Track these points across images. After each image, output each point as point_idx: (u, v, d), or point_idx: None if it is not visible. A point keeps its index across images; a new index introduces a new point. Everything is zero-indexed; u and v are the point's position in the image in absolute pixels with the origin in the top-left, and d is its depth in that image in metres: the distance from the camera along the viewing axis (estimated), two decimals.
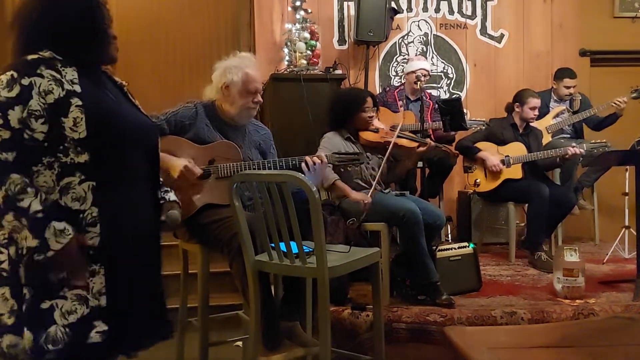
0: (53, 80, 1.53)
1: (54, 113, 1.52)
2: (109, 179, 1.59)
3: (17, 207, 1.45)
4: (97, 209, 1.55)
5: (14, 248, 1.50)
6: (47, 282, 1.51)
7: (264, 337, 2.18)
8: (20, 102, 1.49)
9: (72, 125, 1.52)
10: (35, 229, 1.46)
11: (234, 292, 2.76)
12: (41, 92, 1.51)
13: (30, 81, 1.51)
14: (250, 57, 2.69)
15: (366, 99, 3.21)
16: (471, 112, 4.87)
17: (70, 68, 1.58)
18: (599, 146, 3.82)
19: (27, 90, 1.50)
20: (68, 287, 1.52)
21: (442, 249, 3.07)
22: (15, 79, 1.50)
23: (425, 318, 2.72)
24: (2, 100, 1.48)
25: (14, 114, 1.48)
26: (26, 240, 1.46)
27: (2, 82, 1.50)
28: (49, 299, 1.50)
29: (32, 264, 1.49)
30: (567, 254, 2.99)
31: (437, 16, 5.00)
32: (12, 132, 1.47)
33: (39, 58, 1.55)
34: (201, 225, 2.42)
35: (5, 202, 1.45)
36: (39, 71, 1.53)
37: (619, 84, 4.63)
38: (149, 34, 4.93)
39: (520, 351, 1.56)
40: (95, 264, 1.55)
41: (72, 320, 1.51)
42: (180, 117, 2.56)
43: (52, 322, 1.50)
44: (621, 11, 5.25)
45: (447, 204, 4.59)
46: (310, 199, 1.92)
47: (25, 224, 1.45)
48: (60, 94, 1.53)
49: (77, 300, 1.52)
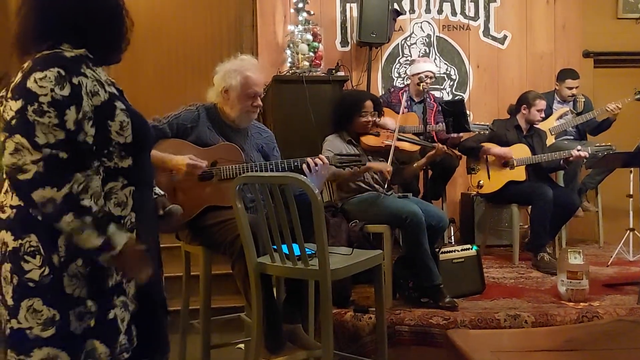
0: (96, 80, 1.47)
1: (101, 116, 1.45)
2: (139, 183, 1.56)
3: (80, 206, 1.38)
4: (135, 214, 1.52)
5: (57, 256, 1.41)
6: (106, 291, 1.46)
7: (266, 339, 2.17)
8: (74, 102, 1.40)
9: (118, 129, 1.47)
10: (100, 227, 1.39)
11: (236, 294, 2.76)
12: (88, 93, 1.43)
13: (79, 80, 1.42)
14: (251, 60, 2.67)
15: (365, 103, 3.19)
16: (474, 114, 4.86)
17: (100, 68, 1.52)
18: (603, 149, 3.80)
19: (78, 90, 1.41)
20: (117, 294, 1.48)
21: (445, 251, 3.06)
22: (65, 77, 1.40)
23: (428, 321, 2.71)
24: (58, 98, 1.38)
25: (70, 114, 1.39)
26: (90, 240, 1.38)
27: (50, 79, 1.38)
28: (111, 308, 1.47)
29: (92, 272, 1.43)
30: (571, 256, 2.98)
31: (440, 17, 4.99)
32: (67, 133, 1.39)
33: (78, 56, 1.46)
34: (203, 227, 2.41)
35: (67, 202, 1.36)
36: (83, 70, 1.45)
37: (622, 86, 4.62)
38: (152, 36, 4.94)
39: (524, 354, 1.55)
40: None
41: (125, 327, 1.50)
42: (182, 120, 2.56)
43: (119, 331, 1.48)
44: (625, 12, 5.23)
45: (450, 206, 4.58)
46: (313, 200, 1.91)
47: (89, 222, 1.38)
48: (104, 96, 1.47)
49: (123, 307, 1.50)
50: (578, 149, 3.79)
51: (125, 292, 1.51)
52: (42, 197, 1.35)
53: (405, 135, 3.38)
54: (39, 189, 1.35)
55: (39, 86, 1.37)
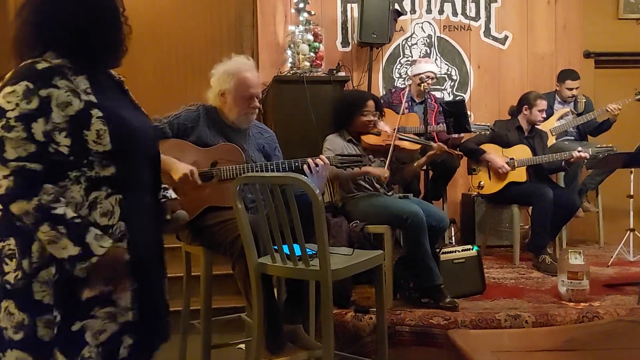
0: (69, 91, 1.46)
1: (75, 126, 1.45)
2: (129, 191, 1.53)
3: (53, 216, 1.39)
4: (124, 223, 1.51)
5: (27, 262, 1.43)
6: (78, 302, 1.45)
7: (266, 339, 2.17)
8: (42, 114, 1.41)
9: (95, 138, 1.46)
10: (76, 236, 1.40)
11: (237, 294, 2.76)
12: (60, 105, 1.43)
13: (48, 93, 1.43)
14: (245, 61, 2.64)
15: (366, 103, 3.18)
16: (475, 114, 4.86)
17: (81, 76, 1.50)
18: (604, 150, 3.80)
19: (46, 102, 1.42)
20: (99, 305, 1.47)
21: (445, 252, 3.06)
22: (32, 90, 1.41)
23: (429, 321, 2.71)
24: (25, 112, 1.40)
25: (37, 126, 1.41)
26: (66, 250, 1.39)
27: (17, 94, 1.41)
28: (80, 320, 1.45)
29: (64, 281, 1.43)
30: (572, 256, 2.98)
31: (441, 18, 4.99)
32: (37, 145, 1.40)
33: (49, 67, 1.46)
34: (204, 227, 2.41)
35: (39, 212, 1.38)
36: (54, 82, 1.45)
37: (623, 86, 4.62)
38: (152, 36, 4.95)
39: (525, 355, 1.55)
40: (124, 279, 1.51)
41: (103, 339, 1.47)
42: (182, 120, 2.56)
43: (85, 343, 1.45)
44: (626, 12, 5.23)
45: (451, 207, 4.58)
46: (313, 201, 1.91)
47: (64, 231, 1.39)
48: (79, 106, 1.45)
49: (107, 318, 1.48)
50: (579, 150, 3.78)
51: (113, 303, 1.49)
52: (18, 210, 1.39)
53: (406, 135, 3.38)
54: (13, 203, 1.39)
55: (6, 102, 1.41)
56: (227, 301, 3.41)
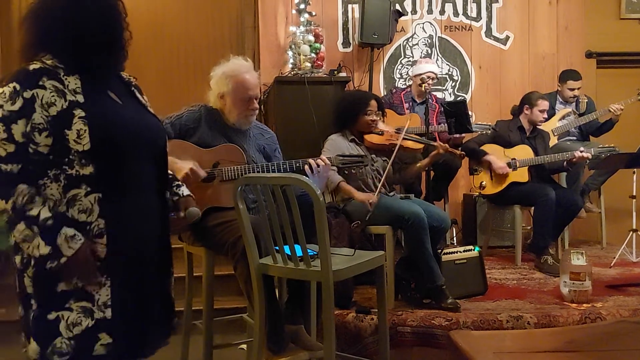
0: (55, 91, 1.51)
1: (58, 125, 1.49)
2: (115, 190, 1.56)
3: (27, 217, 1.45)
4: (104, 221, 1.54)
5: (20, 257, 1.51)
6: (54, 293, 1.50)
7: (268, 340, 2.17)
8: (23, 115, 1.47)
9: (75, 138, 1.50)
10: (47, 236, 1.46)
11: (239, 294, 2.76)
12: (44, 105, 1.49)
13: (33, 94, 1.49)
14: (244, 63, 2.63)
15: (369, 102, 3.19)
16: (476, 115, 4.86)
17: (73, 76, 1.54)
18: (606, 151, 3.80)
19: (29, 103, 1.48)
20: (74, 299, 1.51)
21: (447, 252, 3.05)
22: (18, 92, 1.48)
23: (431, 322, 2.70)
24: (6, 114, 1.47)
25: (17, 127, 1.47)
26: (38, 249, 1.45)
27: (4, 95, 1.48)
28: (56, 310, 1.50)
29: (40, 274, 1.49)
30: (574, 257, 2.97)
31: (442, 18, 4.99)
32: (17, 145, 1.46)
33: (40, 68, 1.52)
34: (206, 228, 2.41)
35: (15, 213, 1.45)
36: (41, 82, 1.50)
37: (625, 86, 4.61)
38: (154, 37, 4.96)
39: (527, 356, 1.55)
40: (102, 276, 1.54)
41: (76, 332, 1.50)
42: (185, 121, 2.56)
43: (58, 333, 1.49)
44: (628, 12, 5.23)
45: (453, 207, 4.58)
46: (315, 201, 1.91)
47: (37, 231, 1.45)
48: (63, 106, 1.50)
49: (82, 312, 1.51)
50: (581, 150, 3.78)
51: (90, 298, 1.52)
52: None
53: (409, 134, 3.38)
54: None
55: None
56: (229, 302, 3.41)
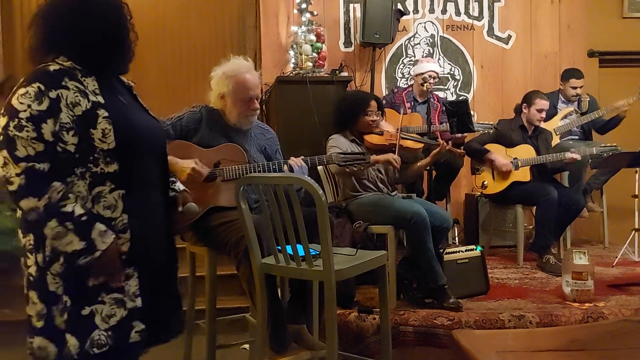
0: (78, 91, 1.55)
1: (83, 125, 1.54)
2: (134, 186, 1.63)
3: (61, 213, 1.49)
4: (127, 216, 1.60)
5: (41, 255, 1.53)
6: (85, 289, 1.54)
7: (270, 339, 2.18)
8: (51, 115, 1.51)
9: (101, 137, 1.55)
10: (82, 232, 1.50)
11: (241, 294, 2.77)
12: (69, 105, 1.53)
13: (58, 94, 1.53)
14: (244, 63, 2.63)
15: (369, 103, 3.19)
16: (478, 114, 4.86)
17: (90, 78, 1.60)
18: (608, 150, 3.79)
19: (56, 103, 1.52)
20: (105, 292, 1.56)
21: (449, 252, 3.05)
22: (43, 92, 1.51)
23: (433, 321, 2.70)
24: (35, 113, 1.50)
25: (47, 127, 1.50)
26: (71, 244, 1.49)
27: (30, 95, 1.51)
28: (88, 305, 1.54)
29: (71, 271, 1.52)
30: (576, 256, 2.97)
31: (444, 17, 4.99)
32: (46, 144, 1.50)
33: (61, 69, 1.56)
34: (208, 228, 2.42)
35: (48, 210, 1.48)
36: (64, 83, 1.54)
37: (627, 85, 4.59)
38: (155, 37, 4.96)
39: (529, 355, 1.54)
40: (129, 268, 1.60)
41: (113, 323, 1.56)
42: (185, 121, 2.57)
43: (95, 327, 1.54)
44: (630, 11, 5.22)
45: (455, 207, 4.57)
46: (317, 201, 1.91)
47: (71, 227, 1.49)
48: (87, 106, 1.55)
49: (115, 304, 1.57)
50: (572, 151, 3.79)
51: (120, 290, 1.58)
52: (27, 206, 1.49)
53: (409, 134, 3.38)
54: (23, 199, 1.49)
55: (19, 103, 1.51)
56: (232, 301, 3.41)
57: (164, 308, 1.74)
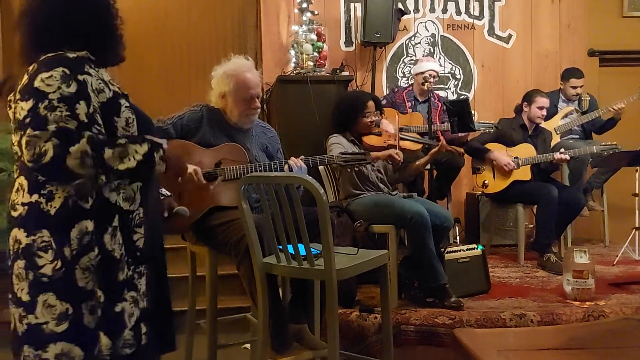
0: (100, 79, 1.51)
1: (108, 112, 1.50)
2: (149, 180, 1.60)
3: (105, 140, 1.44)
4: (143, 210, 1.55)
5: (68, 249, 1.43)
6: (116, 284, 1.47)
7: (272, 339, 2.18)
8: (82, 97, 1.45)
9: (124, 125, 1.52)
10: (135, 139, 1.48)
11: (242, 294, 2.77)
12: (94, 90, 1.48)
13: (84, 78, 1.47)
14: (244, 62, 2.63)
15: (366, 104, 3.19)
16: (479, 113, 4.86)
17: (103, 69, 1.57)
18: (609, 148, 3.79)
19: (83, 87, 1.46)
20: (128, 288, 1.49)
21: (450, 251, 3.06)
22: (69, 75, 1.44)
23: (434, 320, 2.71)
24: (66, 94, 1.42)
25: (81, 108, 1.44)
26: (139, 150, 1.46)
27: (56, 78, 1.43)
28: (119, 301, 1.47)
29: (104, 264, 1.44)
30: (577, 255, 2.97)
31: (445, 17, 4.98)
32: (80, 124, 1.42)
33: (79, 57, 1.50)
34: (209, 227, 2.42)
35: (95, 145, 1.41)
36: (86, 69, 1.49)
37: (628, 84, 4.60)
38: (155, 37, 4.95)
39: (530, 353, 1.55)
40: (141, 265, 1.54)
41: (133, 322, 1.49)
42: (186, 121, 2.57)
43: (125, 325, 1.48)
44: (630, 10, 5.21)
45: (455, 206, 4.57)
46: (318, 200, 1.91)
47: (124, 142, 1.46)
48: (109, 94, 1.52)
49: (133, 302, 1.50)
50: (561, 152, 3.80)
51: (136, 288, 1.52)
52: (75, 159, 1.38)
53: (407, 134, 3.38)
54: (67, 157, 1.37)
55: (46, 84, 1.41)
56: (233, 301, 3.41)
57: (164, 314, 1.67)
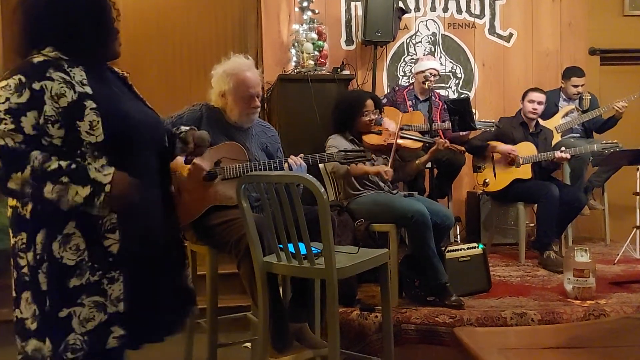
0: (64, 82, 1.49)
1: (69, 117, 1.47)
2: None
3: (50, 173, 1.42)
4: (116, 215, 1.52)
5: (32, 254, 1.48)
6: (66, 289, 1.48)
7: (272, 338, 2.18)
8: (32, 107, 1.44)
9: (88, 129, 1.48)
10: (80, 178, 1.44)
11: (243, 293, 2.76)
12: (53, 96, 1.46)
13: (41, 85, 1.46)
14: (244, 61, 2.63)
15: (366, 103, 3.19)
16: (480, 112, 4.85)
17: (78, 68, 1.53)
18: (610, 147, 3.79)
19: (39, 95, 1.45)
20: (86, 294, 1.49)
21: (451, 250, 3.06)
22: (24, 84, 1.45)
23: (435, 319, 2.71)
24: (13, 106, 1.43)
25: (27, 120, 1.44)
26: (79, 193, 1.43)
27: (9, 87, 1.45)
28: (67, 307, 1.48)
29: (52, 270, 1.46)
30: (578, 254, 2.97)
31: (445, 16, 4.98)
32: (25, 137, 1.43)
33: (45, 60, 1.50)
34: (209, 227, 2.42)
35: (36, 176, 1.41)
36: (48, 74, 1.48)
37: (629, 83, 4.60)
38: (156, 36, 4.95)
39: (531, 352, 1.55)
40: (115, 271, 1.52)
41: (90, 327, 1.49)
42: (186, 120, 2.56)
43: (71, 330, 1.48)
44: (631, 9, 5.20)
45: (456, 205, 4.57)
46: (318, 199, 1.91)
47: (67, 180, 1.42)
48: (72, 97, 1.48)
49: (94, 307, 1.50)
50: (562, 150, 3.79)
51: (103, 293, 1.51)
52: (16, 185, 1.42)
53: (407, 133, 3.38)
54: (9, 180, 1.41)
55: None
56: (233, 300, 3.41)
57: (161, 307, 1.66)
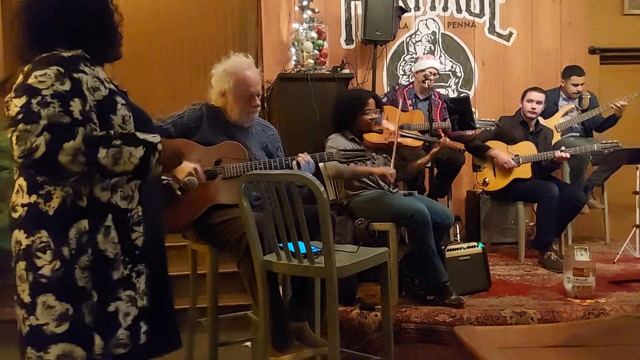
0: (95, 77, 1.51)
1: (103, 110, 1.49)
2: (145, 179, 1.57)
3: (101, 137, 1.42)
4: (142, 208, 1.54)
5: (67, 249, 1.42)
6: (110, 284, 1.46)
7: (272, 337, 2.18)
8: (76, 95, 1.44)
9: (121, 123, 1.51)
10: (131, 140, 1.45)
11: (243, 292, 2.77)
12: (89, 89, 1.48)
13: (79, 77, 1.46)
14: (244, 60, 2.63)
15: (367, 101, 3.19)
16: (480, 111, 4.86)
17: (99, 67, 1.56)
18: (610, 146, 3.79)
19: (78, 85, 1.45)
20: (123, 287, 1.48)
21: (451, 249, 3.06)
22: (64, 74, 1.44)
23: (435, 318, 2.71)
24: (60, 91, 1.41)
25: (75, 105, 1.42)
26: (134, 154, 1.44)
27: (50, 76, 1.42)
28: (113, 301, 1.46)
29: (97, 264, 1.43)
30: (578, 253, 2.97)
31: (445, 15, 4.98)
32: (73, 120, 1.41)
33: (74, 55, 1.50)
34: (209, 226, 2.42)
35: (90, 143, 1.40)
36: (81, 68, 1.48)
37: (628, 82, 4.60)
38: (157, 35, 4.95)
39: (530, 351, 1.55)
40: (140, 264, 1.52)
41: (129, 322, 1.48)
42: (186, 120, 2.57)
43: (119, 325, 1.46)
44: (631, 8, 5.21)
45: (456, 204, 4.57)
46: (318, 198, 1.91)
47: (119, 143, 1.43)
48: (105, 92, 1.51)
49: (129, 301, 1.49)
50: (562, 150, 3.79)
51: (134, 287, 1.51)
52: (68, 156, 1.36)
53: (408, 132, 3.38)
54: (59, 152, 1.36)
55: (39, 81, 1.41)
56: (233, 299, 3.41)
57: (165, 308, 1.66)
